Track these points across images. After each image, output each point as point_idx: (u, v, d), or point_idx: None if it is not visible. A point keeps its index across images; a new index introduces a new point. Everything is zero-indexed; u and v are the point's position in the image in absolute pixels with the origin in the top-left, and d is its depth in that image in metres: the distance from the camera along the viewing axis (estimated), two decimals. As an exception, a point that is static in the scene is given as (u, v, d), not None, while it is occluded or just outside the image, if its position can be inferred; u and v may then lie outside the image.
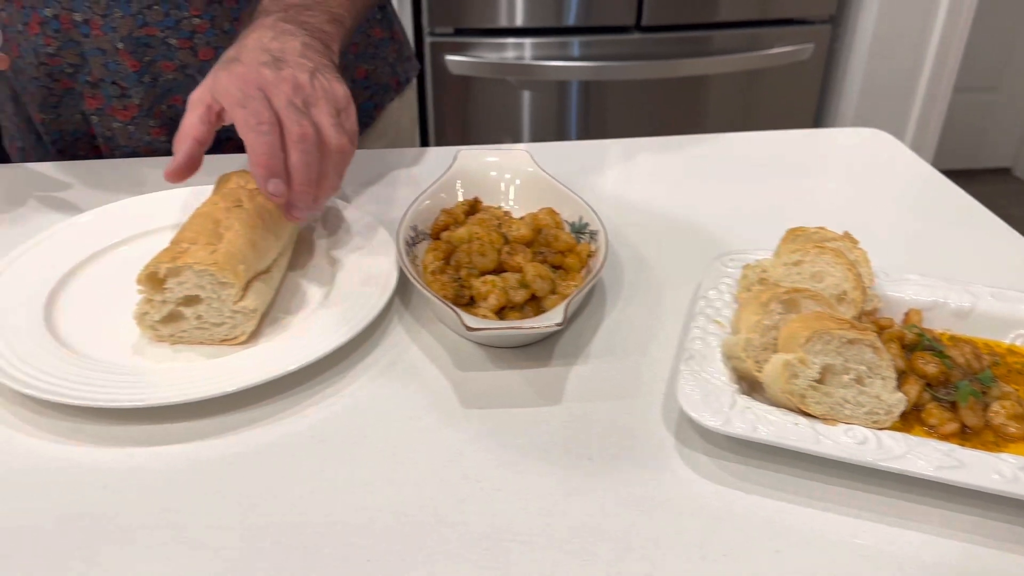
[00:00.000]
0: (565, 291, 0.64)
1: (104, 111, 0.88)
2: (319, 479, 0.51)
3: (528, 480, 0.51)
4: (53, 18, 0.82)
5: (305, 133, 0.61)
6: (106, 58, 0.84)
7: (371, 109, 1.01)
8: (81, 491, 0.50)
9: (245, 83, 0.62)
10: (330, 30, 0.72)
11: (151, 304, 0.60)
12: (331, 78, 0.66)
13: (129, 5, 0.81)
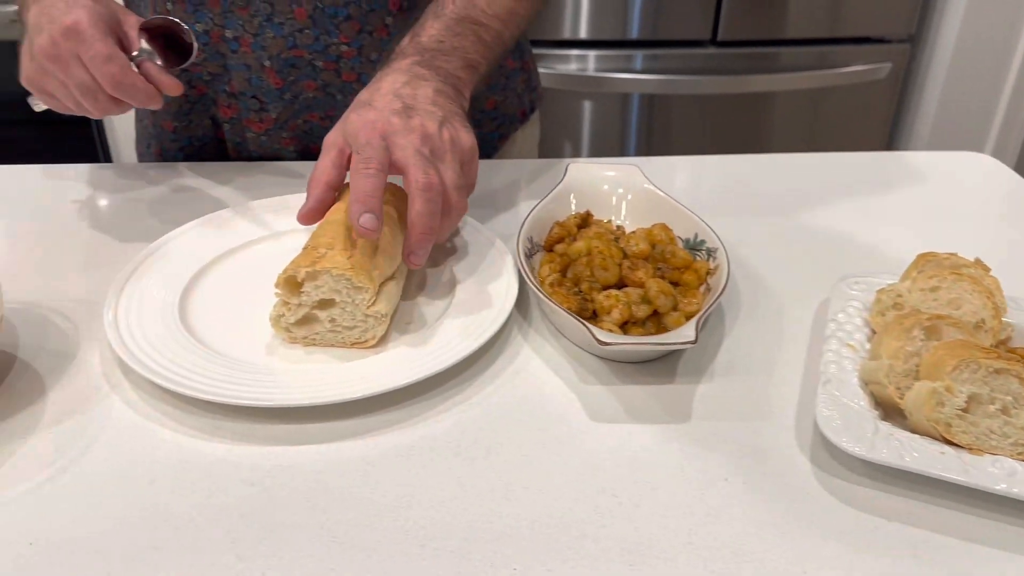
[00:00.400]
0: (687, 308, 0.64)
1: (239, 120, 0.90)
2: (458, 484, 0.52)
3: (665, 497, 0.51)
4: (203, 32, 0.84)
5: (431, 183, 0.62)
6: (250, 73, 0.86)
7: (495, 140, 1.01)
8: (228, 487, 0.52)
9: (372, 130, 0.64)
10: (464, 76, 0.72)
11: (287, 307, 0.62)
12: (459, 127, 0.67)
13: (281, 27, 0.83)
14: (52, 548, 0.47)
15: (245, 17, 0.83)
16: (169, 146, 0.95)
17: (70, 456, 0.53)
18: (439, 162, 0.65)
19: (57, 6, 0.68)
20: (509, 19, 0.77)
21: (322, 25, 0.83)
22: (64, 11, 0.67)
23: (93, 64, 0.67)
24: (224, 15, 0.83)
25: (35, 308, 0.67)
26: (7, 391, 0.59)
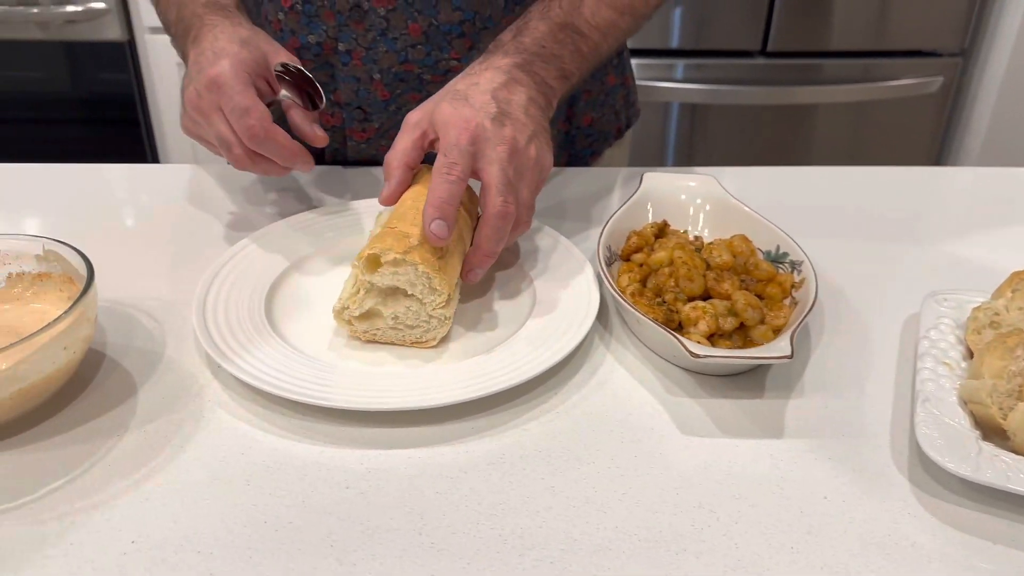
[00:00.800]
0: (773, 322, 0.63)
1: (341, 129, 0.90)
2: (552, 495, 0.52)
3: (764, 514, 0.51)
4: (316, 44, 0.84)
5: (507, 212, 0.63)
6: (358, 86, 0.86)
7: (587, 157, 1.01)
8: (324, 489, 0.51)
9: (464, 129, 0.64)
10: (556, 86, 0.72)
11: (354, 298, 0.61)
12: (544, 145, 0.68)
13: (395, 42, 0.83)
14: (154, 547, 0.47)
15: (359, 32, 0.83)
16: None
17: (165, 455, 0.54)
18: (519, 180, 0.65)
19: (206, 54, 0.69)
20: (609, 31, 0.77)
21: (435, 41, 0.84)
22: (210, 61, 0.67)
23: (232, 117, 0.66)
24: (339, 28, 0.83)
25: (120, 306, 0.67)
26: (98, 388, 0.59)
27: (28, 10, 1.99)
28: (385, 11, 0.81)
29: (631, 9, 0.79)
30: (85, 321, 0.55)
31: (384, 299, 0.62)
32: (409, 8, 0.81)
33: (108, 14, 2.00)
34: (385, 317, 0.62)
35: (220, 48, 0.69)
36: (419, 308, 0.62)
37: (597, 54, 0.78)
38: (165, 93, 2.09)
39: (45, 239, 0.61)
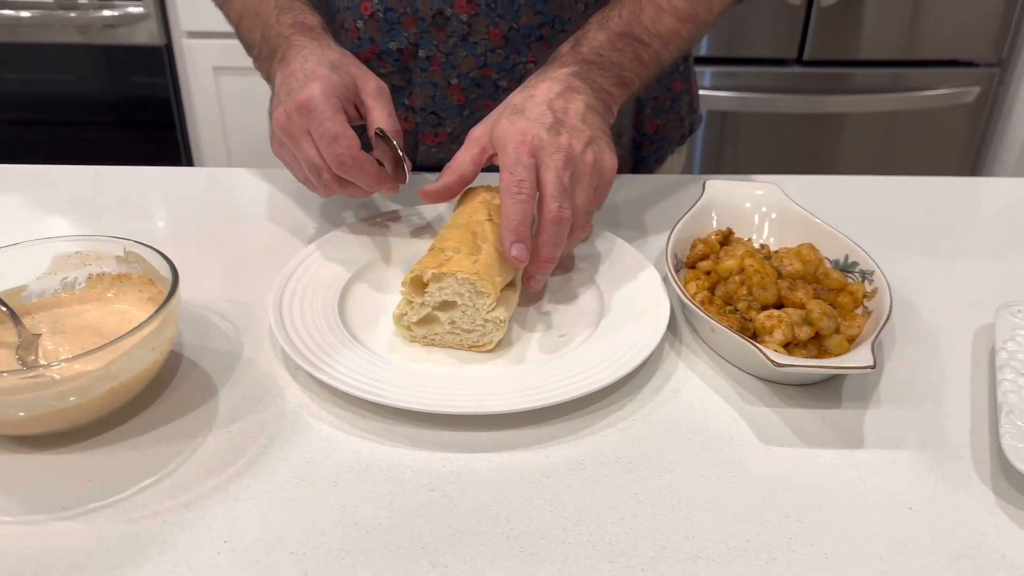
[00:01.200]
0: (848, 331, 0.63)
1: (414, 134, 0.91)
2: (637, 502, 0.52)
3: (851, 524, 0.50)
4: (396, 51, 0.85)
5: (563, 217, 0.63)
6: (435, 91, 0.87)
7: (652, 163, 1.01)
8: (411, 492, 0.52)
9: (521, 143, 0.65)
10: (616, 93, 0.72)
11: (411, 305, 0.63)
12: (604, 148, 0.68)
13: (475, 47, 0.84)
14: (247, 547, 0.48)
15: (440, 38, 0.83)
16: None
17: (250, 455, 0.54)
18: (576, 184, 0.65)
19: (296, 76, 0.68)
20: (671, 40, 0.77)
21: (514, 45, 0.84)
22: (301, 84, 0.67)
23: (321, 143, 0.66)
24: (420, 35, 0.84)
25: (194, 308, 0.68)
26: (178, 389, 0.60)
27: (67, 14, 2.01)
28: (467, 17, 0.82)
29: (693, 17, 0.79)
30: (171, 322, 0.56)
31: (440, 305, 0.63)
32: (491, 13, 0.82)
33: (146, 18, 2.03)
34: (442, 322, 0.63)
35: (310, 71, 0.68)
36: (473, 312, 0.62)
37: (658, 62, 0.78)
38: (200, 97, 2.11)
39: (126, 241, 0.62)
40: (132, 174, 0.92)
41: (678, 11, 0.78)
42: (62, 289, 0.63)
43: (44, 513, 0.50)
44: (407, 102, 0.89)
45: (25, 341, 0.58)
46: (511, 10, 0.82)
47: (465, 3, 0.82)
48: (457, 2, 0.82)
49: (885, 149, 2.20)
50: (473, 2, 0.82)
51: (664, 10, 0.78)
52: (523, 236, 0.63)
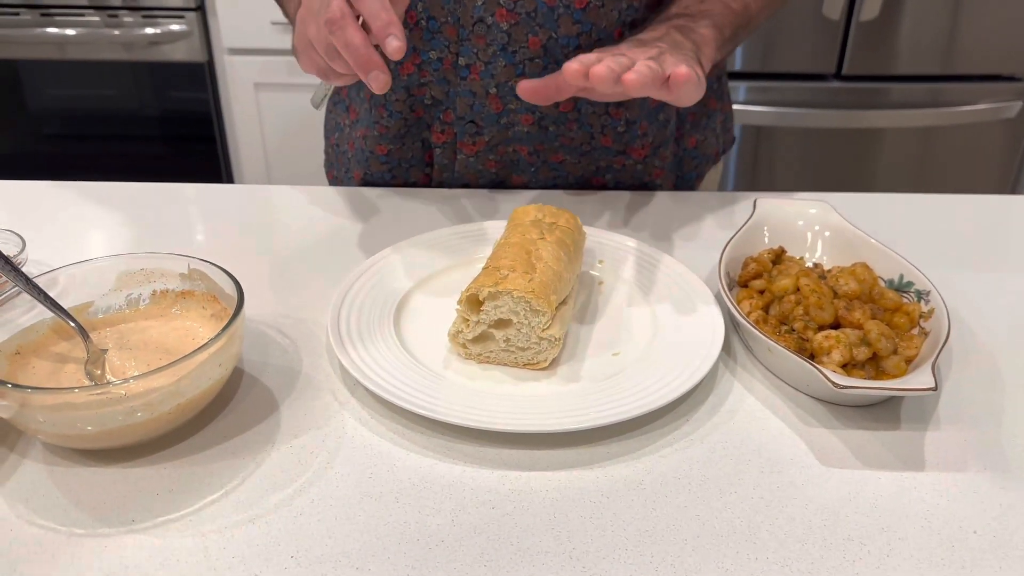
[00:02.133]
0: (906, 352, 0.63)
1: (452, 144, 0.92)
2: (698, 523, 0.52)
3: (915, 548, 0.50)
4: (436, 60, 0.87)
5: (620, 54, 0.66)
6: (474, 100, 0.88)
7: (693, 180, 1.02)
8: (472, 509, 0.52)
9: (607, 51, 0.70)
10: (707, 33, 0.77)
11: (466, 323, 0.63)
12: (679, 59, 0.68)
13: (514, 56, 0.85)
14: (315, 562, 0.48)
15: (481, 46, 0.85)
16: (376, 169, 0.97)
17: (313, 470, 0.55)
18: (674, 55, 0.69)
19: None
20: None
21: (552, 54, 0.85)
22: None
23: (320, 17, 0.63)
24: (460, 43, 0.85)
25: (252, 324, 0.69)
26: (240, 405, 0.61)
27: (112, 32, 2.06)
28: (508, 25, 0.83)
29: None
30: (237, 339, 0.57)
31: (496, 323, 0.63)
32: (531, 22, 0.83)
33: (189, 36, 2.07)
34: (497, 340, 0.64)
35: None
36: (528, 331, 0.63)
37: (747, 12, 0.83)
38: (241, 112, 2.15)
39: (190, 258, 0.63)
40: (172, 191, 0.94)
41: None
42: (127, 306, 0.65)
43: (115, 526, 0.51)
44: (443, 117, 0.90)
45: (93, 356, 0.60)
46: (551, 19, 0.83)
47: (506, 12, 0.83)
48: (499, 11, 0.83)
49: (923, 165, 2.18)
50: (514, 11, 0.83)
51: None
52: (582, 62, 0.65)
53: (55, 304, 0.60)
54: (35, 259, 0.76)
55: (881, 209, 0.92)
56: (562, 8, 0.83)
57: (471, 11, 0.83)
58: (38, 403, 0.51)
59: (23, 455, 0.56)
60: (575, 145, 0.92)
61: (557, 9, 0.83)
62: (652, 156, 0.94)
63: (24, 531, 0.50)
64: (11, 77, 2.17)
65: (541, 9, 0.83)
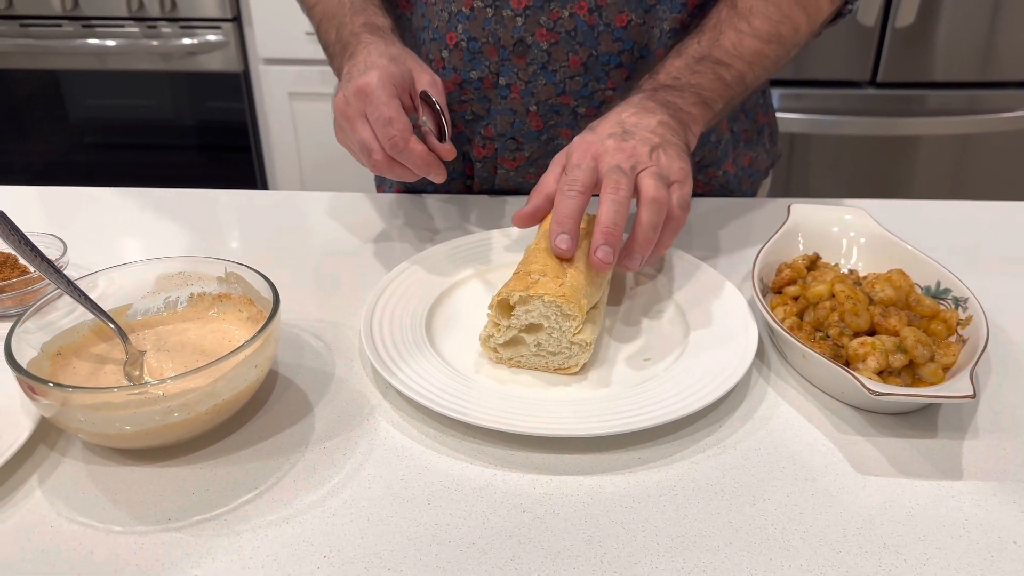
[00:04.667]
0: (943, 359, 0.62)
1: (493, 159, 0.93)
2: (732, 530, 0.51)
3: (952, 558, 0.49)
4: (477, 79, 0.87)
5: (618, 188, 0.63)
6: (514, 118, 0.89)
7: (750, 196, 1.02)
8: (503, 513, 0.52)
9: (585, 152, 0.67)
10: (695, 112, 0.73)
11: (497, 328, 0.63)
12: (673, 155, 0.68)
13: (554, 74, 0.85)
14: (346, 562, 0.49)
15: (521, 65, 0.85)
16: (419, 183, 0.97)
17: (346, 472, 0.55)
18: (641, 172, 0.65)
19: (357, 66, 0.73)
20: (755, 60, 0.77)
21: (593, 72, 0.85)
22: (360, 72, 0.72)
23: (376, 125, 0.70)
24: (500, 63, 0.85)
25: (286, 327, 0.70)
26: (275, 406, 0.61)
27: (151, 43, 2.10)
28: (548, 44, 0.83)
29: (777, 37, 0.79)
30: (272, 341, 0.58)
31: (526, 328, 0.64)
32: (571, 41, 0.83)
33: (225, 46, 2.10)
34: (528, 344, 0.64)
35: (371, 61, 0.73)
36: (559, 335, 0.63)
37: (743, 82, 0.78)
38: (276, 122, 2.18)
39: (227, 261, 0.64)
40: (208, 197, 0.95)
41: (760, 33, 0.78)
42: (165, 308, 0.66)
43: (152, 524, 0.52)
44: (484, 132, 0.90)
45: (131, 357, 0.61)
46: (591, 37, 0.83)
47: (546, 31, 0.83)
48: (539, 30, 0.83)
49: (960, 172, 2.14)
50: (554, 30, 0.83)
51: (745, 33, 0.78)
52: (568, 228, 0.64)
53: (95, 306, 0.61)
54: (76, 262, 0.77)
55: (917, 216, 0.91)
56: (602, 26, 0.83)
57: (511, 32, 0.83)
58: (78, 402, 0.52)
59: (63, 454, 0.57)
60: None
61: (597, 27, 0.83)
62: (698, 174, 0.93)
63: (63, 528, 0.51)
64: (53, 88, 2.22)
65: (581, 28, 0.83)
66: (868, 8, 1.90)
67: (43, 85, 2.22)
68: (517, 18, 0.82)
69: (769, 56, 0.78)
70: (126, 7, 2.04)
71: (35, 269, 0.65)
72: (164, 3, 2.04)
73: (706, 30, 0.79)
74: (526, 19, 0.82)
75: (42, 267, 0.62)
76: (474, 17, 0.83)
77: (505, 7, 0.82)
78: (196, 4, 2.05)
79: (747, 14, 0.78)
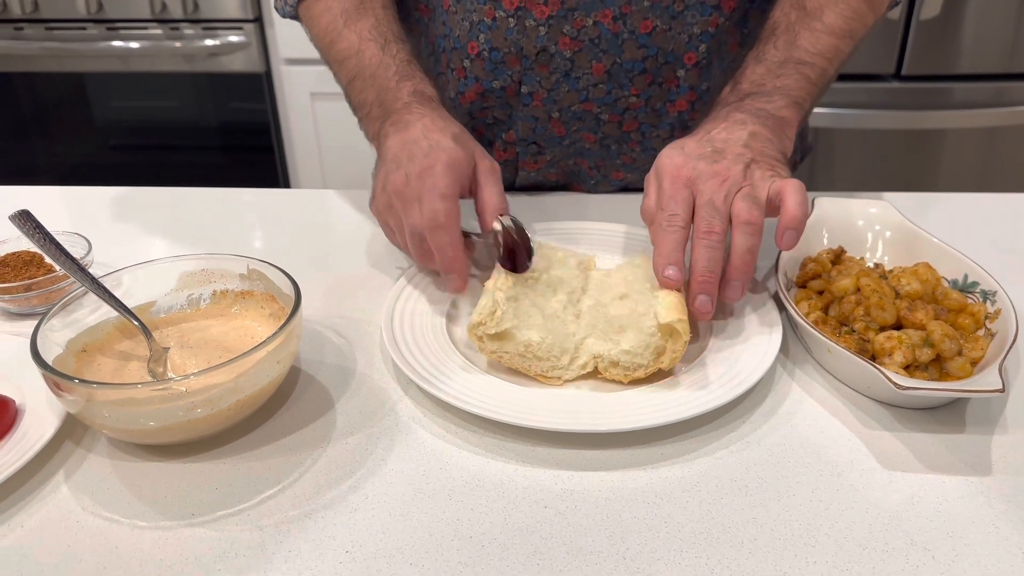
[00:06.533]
0: (971, 353, 0.61)
1: (514, 162, 0.92)
2: (755, 526, 0.51)
3: (982, 554, 0.48)
4: (499, 89, 0.86)
5: (711, 230, 0.62)
6: (536, 124, 0.88)
7: None
8: (524, 508, 0.52)
9: (676, 177, 0.65)
10: (787, 115, 0.71)
11: (491, 318, 0.61)
12: (767, 168, 0.65)
13: (577, 82, 0.85)
14: (368, 557, 0.49)
15: (544, 74, 0.84)
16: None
17: (368, 467, 0.55)
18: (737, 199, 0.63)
19: (420, 144, 0.68)
20: (833, 56, 0.76)
21: (617, 79, 0.85)
22: (425, 152, 0.67)
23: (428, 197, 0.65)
24: (523, 72, 0.85)
25: (308, 323, 0.70)
26: (297, 402, 0.62)
27: (174, 44, 2.12)
28: (571, 52, 0.83)
29: (850, 33, 0.79)
30: (294, 337, 0.58)
31: (520, 323, 0.62)
32: (595, 48, 0.82)
33: (247, 47, 2.11)
34: (517, 342, 0.61)
35: (435, 141, 0.68)
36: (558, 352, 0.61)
37: (825, 78, 0.77)
38: (298, 122, 2.19)
39: (249, 259, 0.65)
40: (230, 195, 0.96)
41: (834, 30, 0.78)
42: (188, 305, 0.66)
43: (176, 519, 0.52)
44: (505, 136, 0.90)
45: (155, 354, 0.61)
46: (615, 45, 0.82)
47: (569, 40, 0.82)
48: (562, 39, 0.82)
49: (987, 166, 2.11)
50: (577, 39, 0.82)
51: (820, 32, 0.77)
52: (674, 260, 0.62)
53: (119, 304, 0.62)
54: (100, 261, 0.78)
55: (943, 209, 0.89)
56: (626, 33, 0.82)
57: (534, 41, 0.82)
58: (103, 398, 0.53)
59: (89, 449, 0.58)
60: (638, 164, 0.92)
61: (621, 35, 0.82)
62: None
63: (89, 523, 0.52)
64: (78, 90, 2.25)
65: (605, 35, 0.82)
66: (892, 0, 1.88)
67: (68, 87, 2.24)
68: (540, 28, 0.81)
69: (844, 51, 0.78)
70: (149, 9, 2.06)
71: (60, 268, 0.65)
72: (187, 5, 2.05)
73: (780, 34, 0.77)
74: (549, 28, 0.81)
75: (67, 265, 0.63)
76: (496, 27, 0.82)
77: (528, 17, 0.81)
78: (218, 6, 2.06)
79: (818, 13, 0.77)
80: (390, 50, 0.78)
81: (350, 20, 0.81)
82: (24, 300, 0.70)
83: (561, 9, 0.80)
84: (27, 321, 0.71)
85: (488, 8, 0.81)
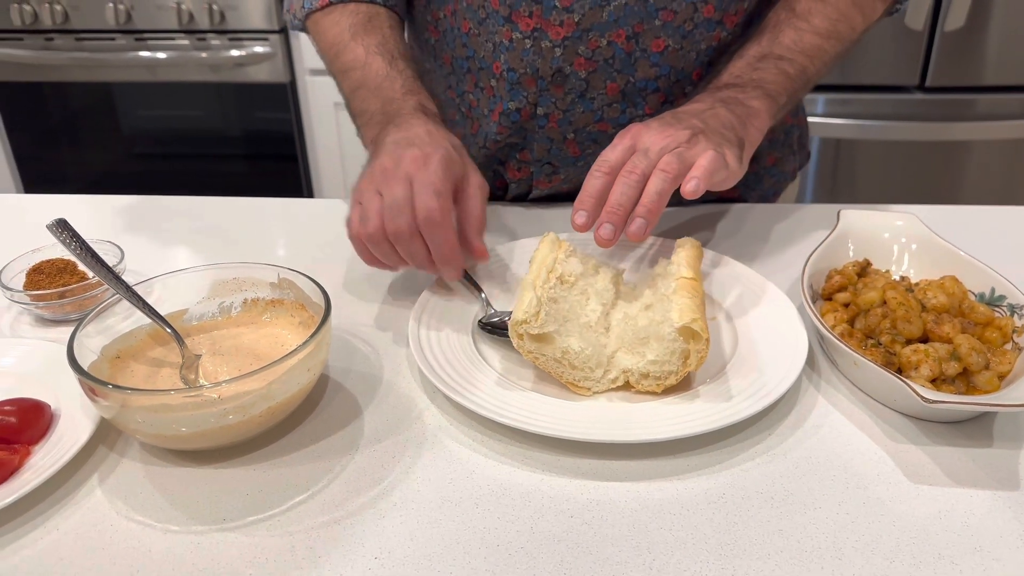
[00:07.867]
0: (998, 367, 0.61)
1: (528, 180, 0.93)
2: (781, 538, 0.51)
3: (1012, 569, 0.48)
4: (515, 111, 0.87)
5: (633, 171, 0.66)
6: (551, 145, 0.89)
7: (771, 196, 1.01)
8: (551, 518, 0.52)
9: (625, 133, 0.69)
10: (756, 105, 0.73)
11: (536, 317, 0.61)
12: (712, 142, 0.66)
13: (592, 102, 0.86)
14: (397, 563, 0.49)
15: (559, 95, 0.85)
16: None
17: (396, 474, 0.56)
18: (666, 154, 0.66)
19: (421, 137, 0.69)
20: (815, 55, 0.78)
21: (631, 99, 0.86)
22: (425, 142, 0.68)
23: (420, 191, 0.64)
24: (539, 93, 0.85)
25: (336, 332, 0.71)
26: (326, 410, 0.62)
27: (200, 54, 2.15)
28: (586, 73, 0.83)
29: (836, 35, 0.80)
30: (324, 345, 0.59)
31: (561, 328, 0.62)
32: (609, 68, 0.83)
33: (272, 57, 2.14)
34: (555, 347, 0.62)
35: (437, 141, 0.68)
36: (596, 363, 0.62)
37: (804, 75, 0.78)
38: (322, 131, 2.21)
39: (280, 268, 0.66)
40: (257, 205, 0.97)
41: (819, 30, 0.79)
42: (220, 313, 0.67)
43: (207, 524, 0.53)
44: (520, 156, 0.91)
45: (188, 361, 0.62)
46: (628, 64, 0.83)
47: (584, 60, 0.83)
48: (576, 60, 0.83)
49: (1012, 178, 2.09)
50: (592, 59, 0.83)
51: (804, 30, 0.79)
52: (588, 206, 0.66)
53: (153, 311, 0.63)
54: (132, 269, 0.79)
55: (969, 221, 0.89)
56: (639, 53, 0.83)
57: (550, 62, 0.83)
58: (136, 404, 0.54)
59: (122, 455, 0.59)
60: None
61: (634, 54, 0.83)
62: None
63: (122, 526, 0.53)
64: (106, 99, 2.28)
65: (619, 55, 0.83)
66: (916, 12, 1.87)
67: (97, 97, 2.28)
68: (556, 49, 0.82)
69: (828, 51, 0.79)
70: (177, 20, 2.09)
71: (94, 275, 0.67)
72: (213, 16, 2.08)
73: (765, 32, 0.80)
74: (564, 49, 0.82)
75: (101, 273, 0.64)
76: (513, 48, 0.83)
77: (543, 38, 0.82)
78: (244, 17, 2.09)
79: (806, 15, 0.79)
80: (397, 65, 0.79)
81: (357, 34, 0.82)
82: (58, 307, 0.72)
83: (576, 30, 0.81)
84: (60, 328, 0.72)
85: (506, 29, 0.82)
